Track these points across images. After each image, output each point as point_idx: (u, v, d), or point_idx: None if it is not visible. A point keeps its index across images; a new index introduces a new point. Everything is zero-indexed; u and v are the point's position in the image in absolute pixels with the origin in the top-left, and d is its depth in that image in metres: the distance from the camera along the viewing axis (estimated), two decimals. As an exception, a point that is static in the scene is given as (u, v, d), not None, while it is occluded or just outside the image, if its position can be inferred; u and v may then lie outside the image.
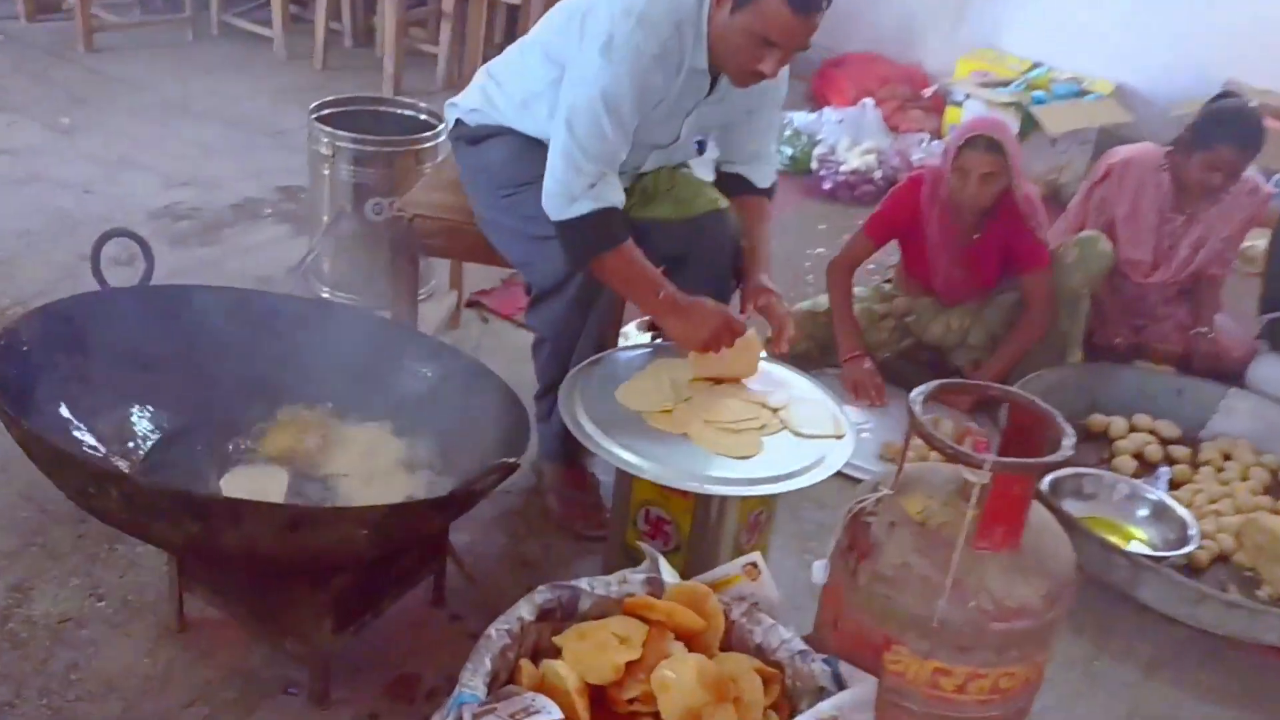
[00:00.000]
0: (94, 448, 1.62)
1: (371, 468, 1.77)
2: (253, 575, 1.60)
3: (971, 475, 1.45)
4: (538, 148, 2.02)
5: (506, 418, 1.76)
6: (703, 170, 2.28)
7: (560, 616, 1.57)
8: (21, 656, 1.72)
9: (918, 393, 1.53)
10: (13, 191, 3.25)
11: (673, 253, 2.13)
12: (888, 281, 3.02)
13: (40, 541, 1.95)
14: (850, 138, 4.10)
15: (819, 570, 1.58)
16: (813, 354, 2.96)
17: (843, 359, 2.81)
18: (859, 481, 2.40)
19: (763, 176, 2.23)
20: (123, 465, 1.64)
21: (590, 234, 1.90)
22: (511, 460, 1.48)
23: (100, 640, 1.77)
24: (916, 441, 1.53)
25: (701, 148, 2.21)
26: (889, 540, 1.49)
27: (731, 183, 2.23)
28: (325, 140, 2.70)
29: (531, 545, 2.13)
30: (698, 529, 1.93)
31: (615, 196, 1.91)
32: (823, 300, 2.99)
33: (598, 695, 1.48)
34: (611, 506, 2.08)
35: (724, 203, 2.16)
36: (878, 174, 3.95)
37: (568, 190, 1.89)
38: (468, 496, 1.48)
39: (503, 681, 1.50)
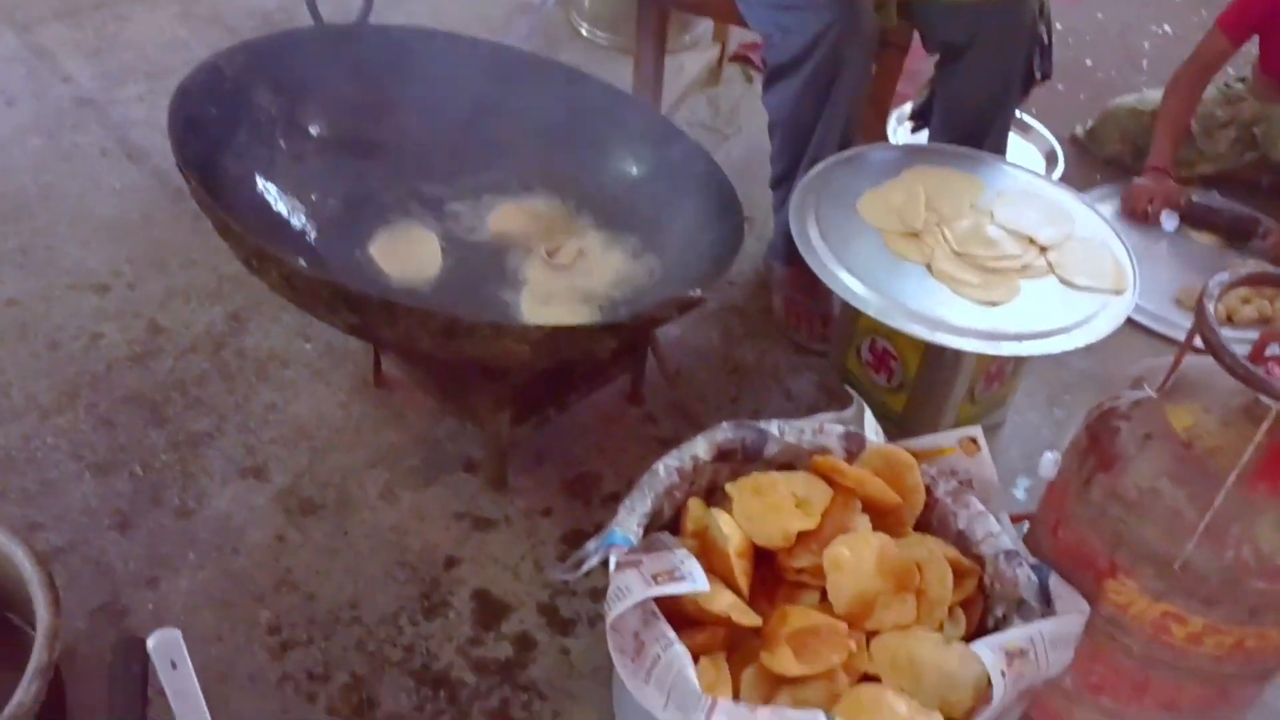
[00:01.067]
0: (281, 203, 1.55)
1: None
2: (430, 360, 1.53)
3: (1270, 399, 1.14)
4: None
5: (721, 223, 1.54)
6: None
7: (741, 459, 1.42)
8: (228, 389, 1.76)
9: (1217, 282, 1.19)
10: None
11: (953, 40, 1.77)
12: (1240, 80, 2.47)
13: (263, 271, 1.96)
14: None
15: (1048, 464, 1.33)
16: (1124, 159, 2.52)
17: (1146, 166, 2.35)
18: (1144, 330, 2.08)
19: None
20: (311, 224, 1.57)
21: None
22: (695, 294, 1.29)
23: (300, 384, 1.78)
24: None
25: None
26: (1140, 455, 1.21)
27: None
28: None
29: (746, 349, 1.96)
30: (926, 372, 1.69)
31: None
32: (1151, 98, 2.50)
33: (766, 554, 1.34)
34: (836, 325, 1.86)
35: None
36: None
37: None
38: (641, 325, 1.31)
39: (667, 519, 1.38)
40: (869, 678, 1.24)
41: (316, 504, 1.61)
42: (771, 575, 1.36)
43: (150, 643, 0.95)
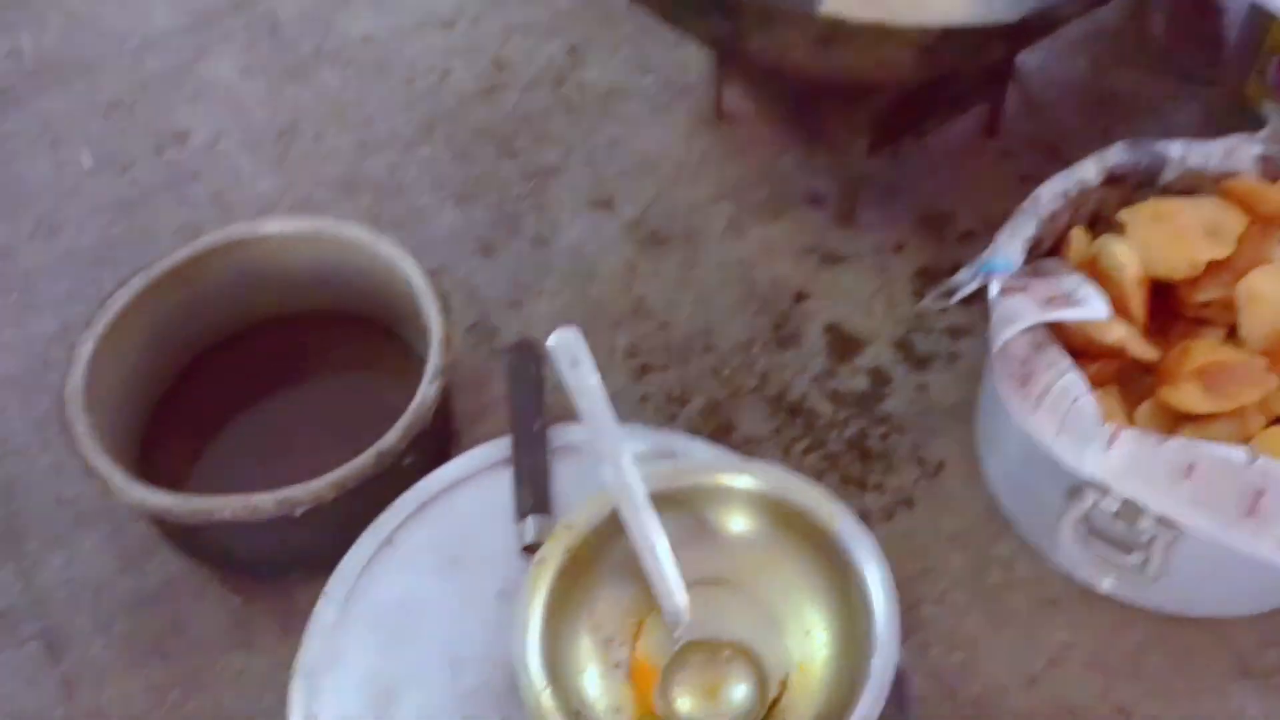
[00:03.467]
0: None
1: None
2: (790, 80, 1.45)
3: None
4: None
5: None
6: None
7: (1134, 185, 1.28)
8: (571, 123, 1.76)
9: None
10: None
11: None
12: None
13: (597, 3, 1.92)
14: None
15: None
16: None
17: None
18: None
19: None
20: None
21: None
22: (1113, -15, 1.13)
23: (642, 118, 1.76)
24: None
25: None
26: None
27: None
28: None
29: (1118, 78, 1.76)
30: (1353, 92, 1.46)
31: None
32: None
33: (1160, 288, 1.22)
34: (1234, 44, 1.63)
35: None
36: None
37: None
38: (1043, 24, 1.17)
39: (1045, 250, 1.28)
40: (1285, 420, 1.13)
41: (664, 236, 1.61)
42: (1165, 312, 1.25)
43: (551, 341, 0.97)
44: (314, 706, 0.89)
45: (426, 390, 1.18)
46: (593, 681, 0.89)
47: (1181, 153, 1.27)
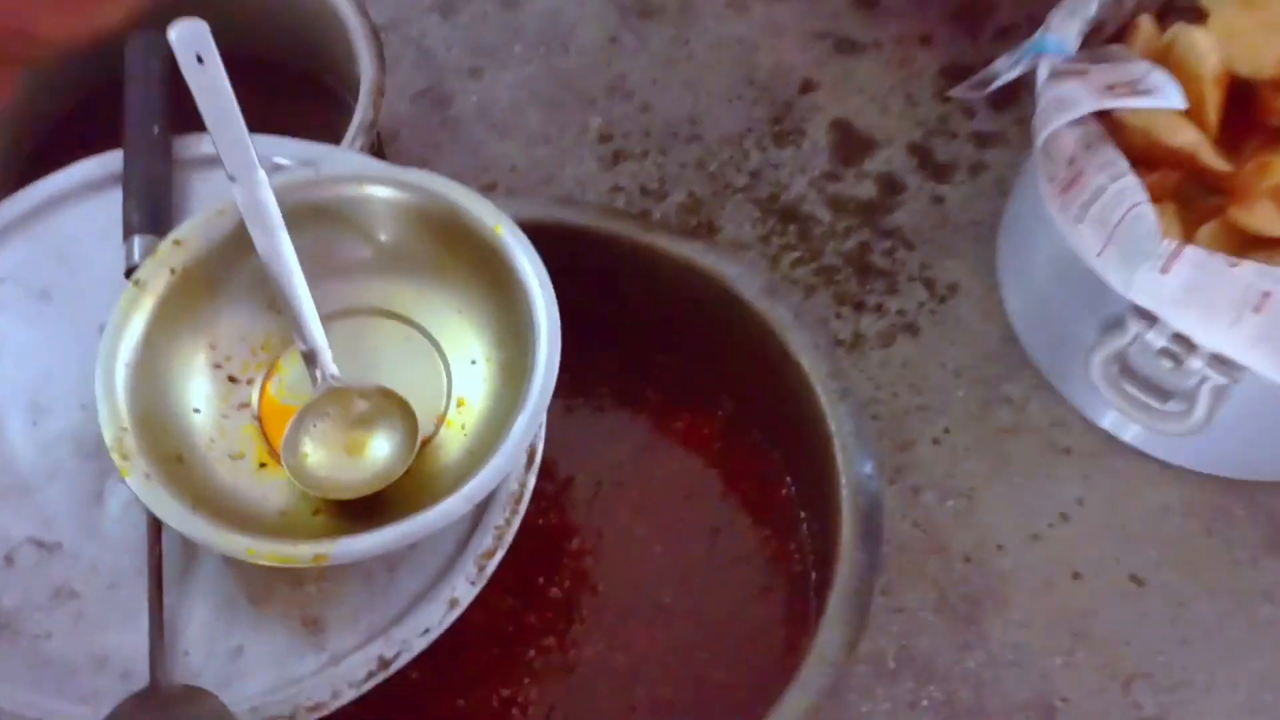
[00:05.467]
0: None
1: None
2: None
3: None
4: None
5: None
6: None
7: (1222, -35, 1.06)
8: None
9: None
10: None
11: None
12: None
13: None
14: None
15: None
16: None
17: None
18: None
19: None
20: None
21: None
22: None
23: None
24: None
25: None
26: None
27: None
28: None
29: None
30: None
31: None
32: None
33: (1239, 93, 1.02)
34: None
35: None
36: None
37: None
38: None
39: (1106, 37, 1.06)
40: (1372, 255, 0.94)
41: (655, 6, 1.38)
42: (1240, 122, 1.04)
43: (172, 34, 0.76)
44: None
45: (349, 148, 0.98)
46: (208, 423, 0.75)
47: (1285, -72, 1.04)
